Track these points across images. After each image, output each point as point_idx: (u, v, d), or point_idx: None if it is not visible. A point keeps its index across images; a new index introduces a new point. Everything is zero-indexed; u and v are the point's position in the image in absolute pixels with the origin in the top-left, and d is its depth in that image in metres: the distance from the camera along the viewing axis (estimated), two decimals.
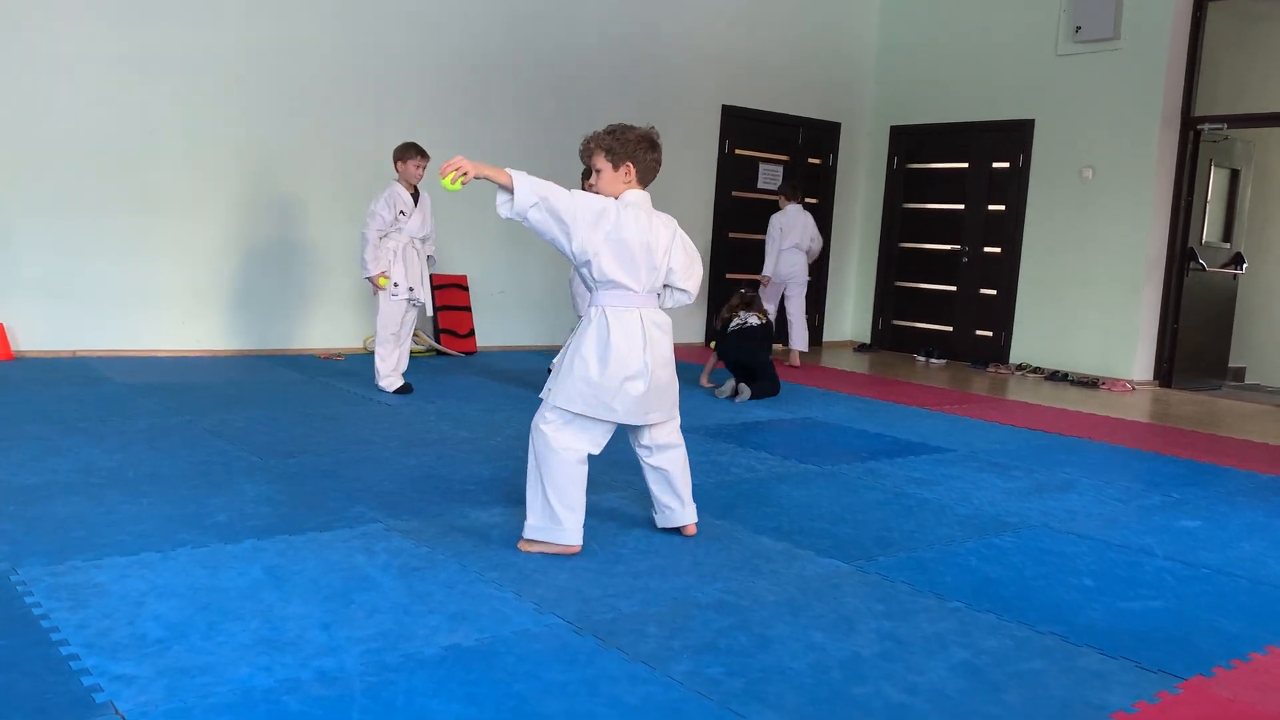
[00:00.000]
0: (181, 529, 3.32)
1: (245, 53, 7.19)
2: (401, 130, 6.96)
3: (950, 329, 10.01)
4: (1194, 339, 8.77)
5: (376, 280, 6.04)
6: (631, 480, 4.24)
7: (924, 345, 10.06)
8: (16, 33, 6.45)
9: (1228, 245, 9.04)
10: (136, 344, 7.06)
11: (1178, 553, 3.72)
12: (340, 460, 4.39)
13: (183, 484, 3.87)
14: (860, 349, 10.49)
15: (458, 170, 3.12)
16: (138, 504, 3.58)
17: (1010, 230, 9.49)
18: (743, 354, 6.72)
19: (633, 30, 8.97)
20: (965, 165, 9.90)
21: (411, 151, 6.12)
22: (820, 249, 8.90)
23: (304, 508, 3.65)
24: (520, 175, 3.14)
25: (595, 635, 2.64)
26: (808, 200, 10.39)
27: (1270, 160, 9.59)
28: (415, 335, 7.36)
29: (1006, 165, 9.53)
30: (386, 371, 6.12)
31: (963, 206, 9.92)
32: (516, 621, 2.70)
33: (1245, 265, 9.10)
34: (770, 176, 10.08)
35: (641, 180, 3.37)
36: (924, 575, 3.28)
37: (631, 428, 3.41)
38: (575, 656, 2.51)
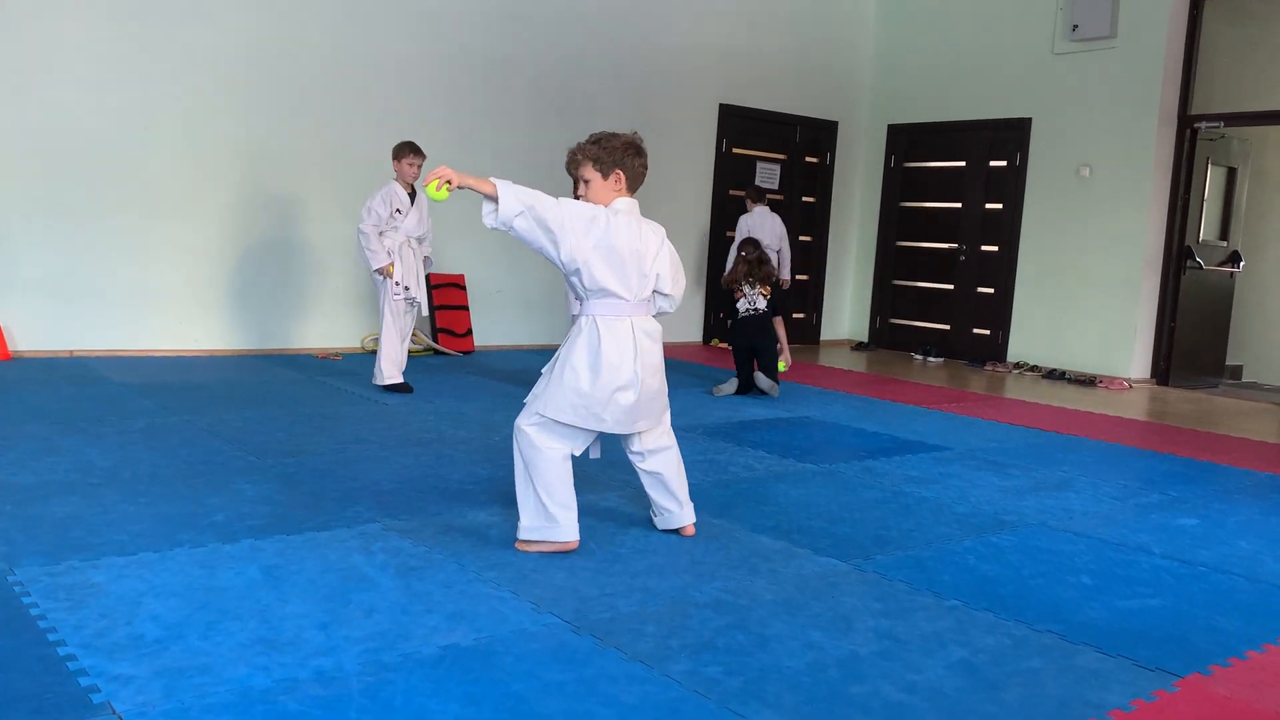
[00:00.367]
0: (179, 529, 3.32)
1: (244, 52, 7.19)
2: (399, 130, 6.96)
3: (948, 327, 10.02)
4: (1191, 337, 8.78)
5: (386, 270, 6.03)
6: (629, 480, 4.24)
7: (921, 344, 10.07)
8: (14, 33, 6.43)
9: (1225, 243, 9.05)
10: (134, 344, 7.05)
11: (1175, 551, 3.72)
12: (338, 460, 4.39)
13: (180, 484, 3.87)
14: (858, 348, 10.49)
15: (441, 179, 3.12)
16: (135, 504, 3.57)
17: (1007, 229, 9.49)
18: (753, 337, 6.77)
19: (630, 29, 8.96)
20: (962, 164, 9.91)
21: (406, 150, 6.13)
22: (789, 252, 8.82)
23: (302, 507, 3.64)
24: (504, 184, 3.11)
25: (593, 635, 2.64)
26: (804, 199, 10.42)
27: (1267, 158, 9.61)
28: (413, 335, 7.34)
29: (1004, 164, 9.54)
30: (388, 366, 6.12)
31: (960, 205, 9.93)
32: (514, 621, 2.71)
33: (1242, 263, 9.11)
34: (768, 175, 10.09)
35: (630, 187, 3.35)
36: (922, 574, 3.28)
37: (622, 435, 3.40)
38: (573, 656, 2.51)
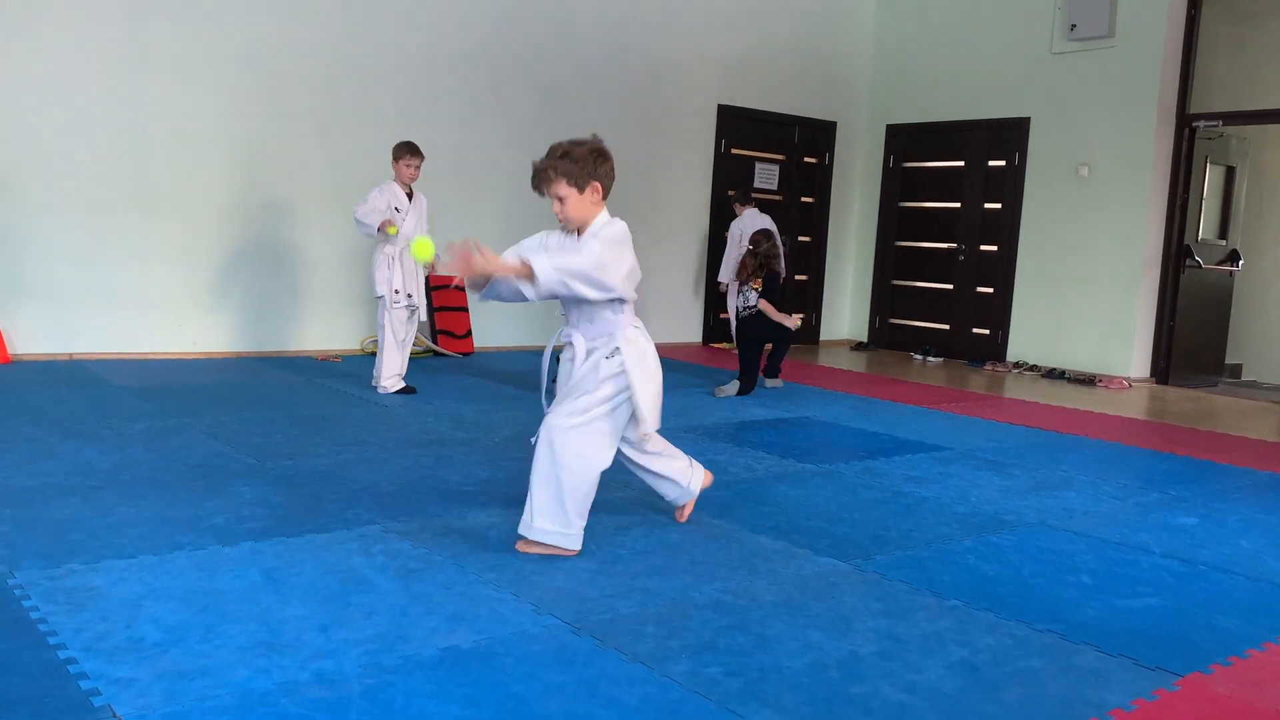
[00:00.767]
0: (179, 532, 3.32)
1: (242, 54, 7.19)
2: (398, 131, 6.96)
3: (947, 327, 10.02)
4: (1190, 336, 8.78)
5: (386, 228, 5.94)
6: (629, 480, 4.24)
7: (921, 344, 10.07)
8: (10, 36, 6.43)
9: (1224, 242, 9.05)
10: (133, 346, 7.05)
11: (1175, 550, 3.72)
12: (337, 462, 4.39)
13: (180, 486, 3.87)
14: (857, 348, 10.49)
15: (465, 266, 3.04)
16: (135, 507, 3.57)
17: (1006, 228, 9.49)
18: (763, 333, 6.89)
19: (628, 30, 8.96)
20: (961, 163, 9.91)
21: (405, 151, 6.12)
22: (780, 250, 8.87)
23: (301, 510, 3.64)
24: (538, 262, 3.06)
25: (593, 636, 2.64)
26: (803, 199, 10.42)
27: (1266, 157, 9.61)
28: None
29: (1002, 163, 9.54)
30: (389, 374, 6.13)
31: (959, 205, 9.93)
32: (514, 622, 2.70)
33: (1241, 262, 9.11)
34: (767, 176, 10.09)
35: (605, 195, 3.30)
36: (922, 574, 3.28)
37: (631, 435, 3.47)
38: (573, 657, 2.51)
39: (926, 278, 10.26)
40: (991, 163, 9.64)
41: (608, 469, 3.34)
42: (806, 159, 10.39)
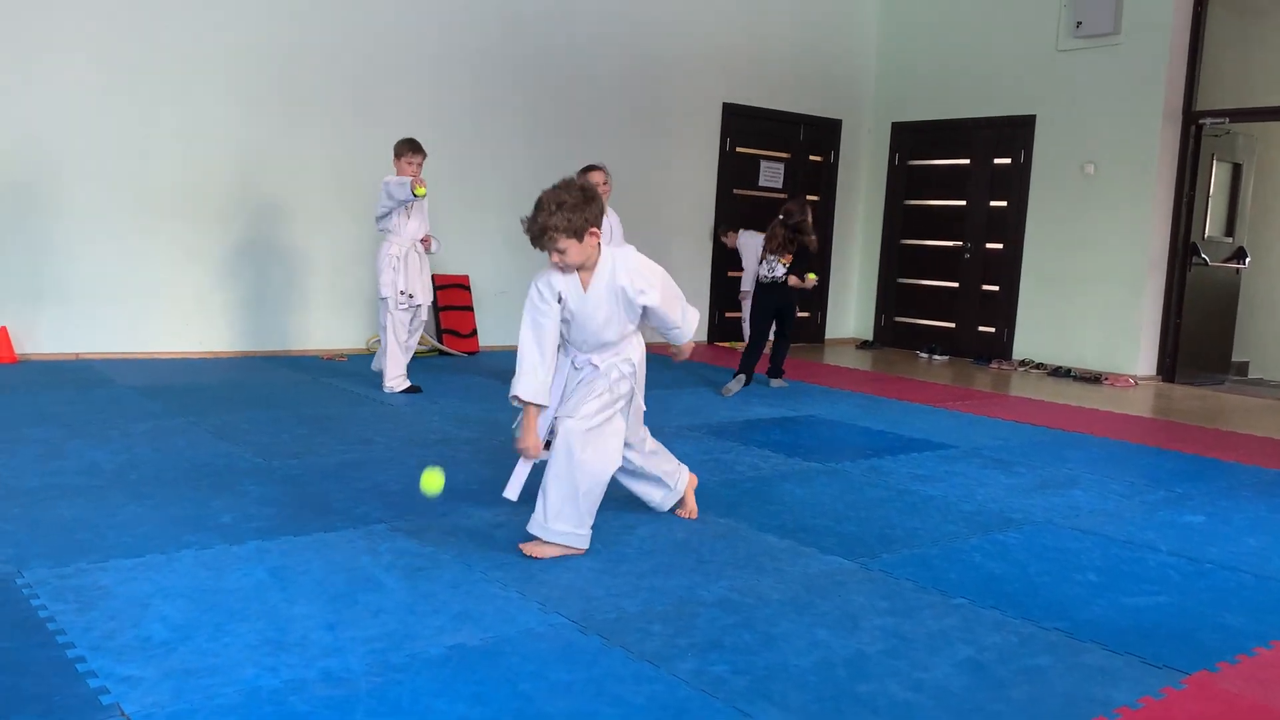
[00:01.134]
0: (186, 531, 3.33)
1: (245, 53, 7.20)
2: (403, 130, 6.95)
3: (953, 325, 10.01)
4: (1197, 334, 8.76)
5: (415, 188, 5.88)
6: None
7: (927, 342, 10.06)
8: (18, 38, 6.45)
9: (1230, 240, 9.02)
10: (139, 346, 7.06)
11: (1182, 548, 3.72)
12: (344, 461, 4.39)
13: (186, 486, 3.87)
14: (863, 346, 10.49)
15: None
16: (142, 506, 3.58)
17: (1012, 226, 9.48)
18: (777, 302, 6.87)
19: (633, 28, 8.96)
20: (967, 161, 9.89)
21: (407, 148, 6.09)
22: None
23: (308, 508, 3.65)
24: (686, 332, 3.52)
25: (600, 634, 2.64)
26: (809, 197, 10.41)
27: (1272, 154, 9.57)
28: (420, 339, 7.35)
29: (1008, 161, 9.52)
30: (394, 374, 6.14)
31: (964, 203, 9.92)
32: (521, 621, 2.71)
33: (1248, 260, 9.09)
34: (772, 174, 10.08)
35: (600, 230, 3.27)
36: (928, 572, 3.28)
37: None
38: (580, 656, 2.51)
39: (932, 276, 10.25)
40: (997, 160, 9.62)
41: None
42: (812, 157, 10.38)
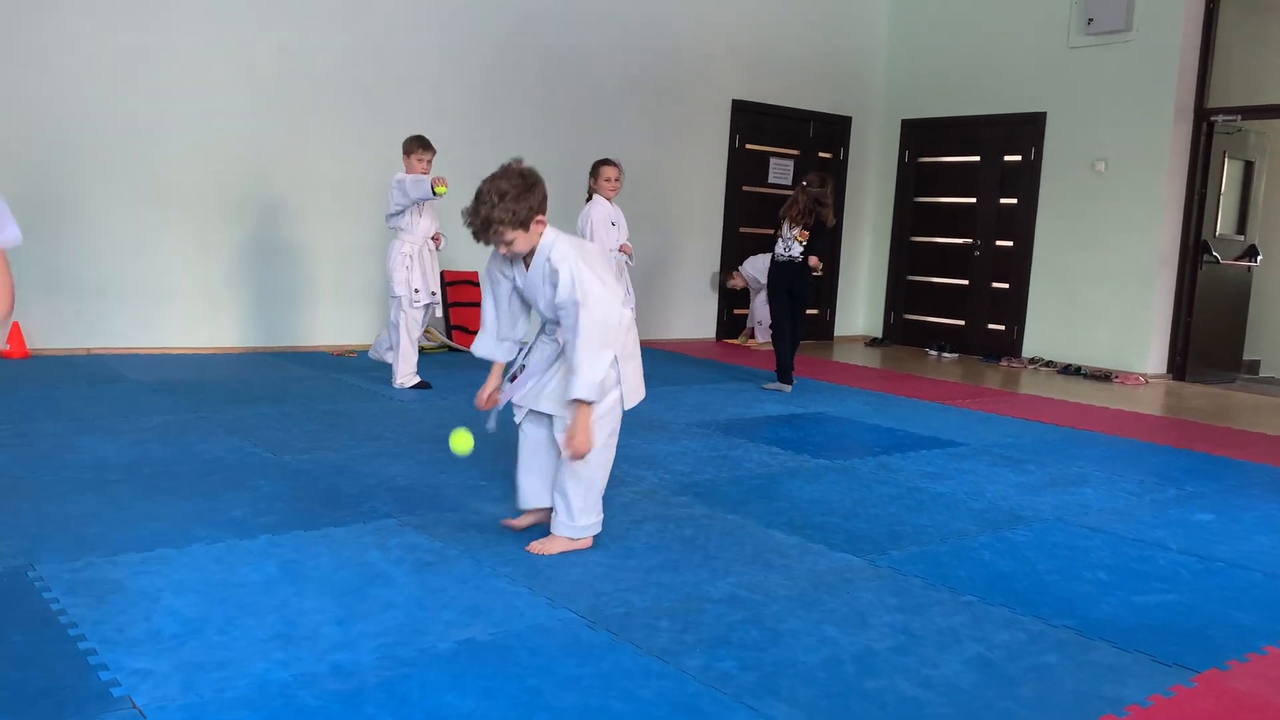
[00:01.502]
0: (196, 525, 3.34)
1: (256, 49, 7.21)
2: (411, 126, 6.97)
3: (962, 323, 9.99)
4: (1208, 332, 8.72)
5: (436, 186, 5.83)
6: (643, 475, 4.25)
7: (936, 339, 10.03)
8: (29, 29, 6.48)
9: (1241, 238, 8.98)
10: (150, 341, 7.09)
11: (1192, 546, 3.71)
12: (353, 456, 4.41)
13: (197, 480, 3.89)
14: (872, 343, 10.47)
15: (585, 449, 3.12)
16: (153, 500, 3.60)
17: (1022, 224, 9.45)
18: (791, 281, 6.81)
19: (642, 24, 8.96)
20: (977, 158, 9.87)
21: (416, 145, 6.08)
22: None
23: (318, 503, 3.66)
24: (580, 388, 3.05)
25: (608, 630, 2.65)
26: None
27: None
28: (427, 332, 7.37)
29: (1018, 158, 9.49)
30: (406, 372, 6.15)
31: (974, 200, 9.89)
32: (530, 616, 2.71)
33: (1259, 258, 9.04)
34: (781, 171, 10.07)
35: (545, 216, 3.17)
36: (937, 569, 3.28)
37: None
38: (588, 651, 2.52)
39: (942, 273, 10.22)
40: (1007, 158, 9.59)
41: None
42: (822, 154, 10.36)
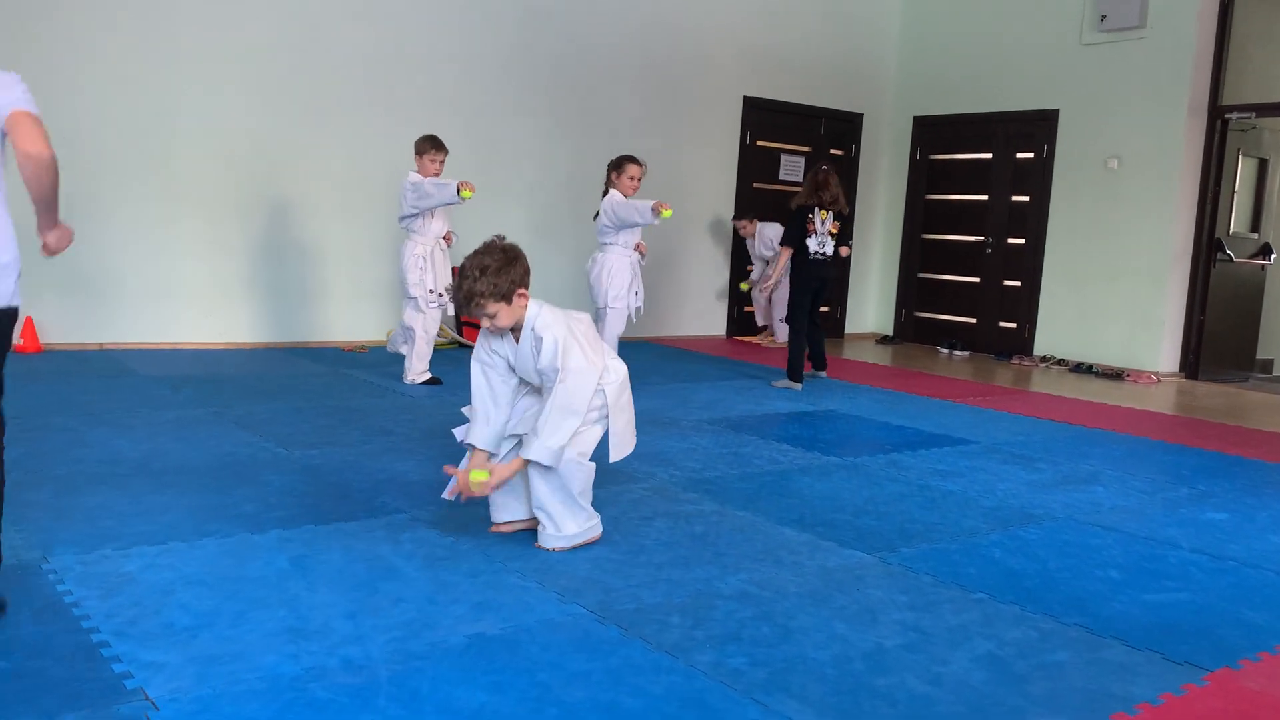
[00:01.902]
0: (208, 519, 3.36)
1: (268, 47, 7.23)
2: (422, 124, 6.99)
3: (973, 321, 9.96)
4: (1221, 330, 8.68)
5: (463, 190, 5.79)
6: (653, 472, 4.25)
7: (947, 337, 10.01)
8: (39, 29, 6.50)
9: (1255, 236, 8.94)
10: (162, 336, 7.12)
11: (1204, 545, 3.69)
12: (364, 451, 4.42)
13: (209, 475, 3.91)
14: (883, 341, 10.45)
15: (478, 490, 3.18)
16: (165, 494, 3.61)
17: (1034, 221, 9.42)
18: (823, 277, 6.70)
19: (652, 22, 8.95)
20: (989, 156, 9.83)
21: (429, 146, 6.06)
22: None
23: (329, 498, 3.67)
24: (536, 450, 3.09)
25: (618, 625, 2.65)
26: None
27: None
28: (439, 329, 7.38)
29: (1031, 156, 9.46)
30: (419, 369, 6.16)
31: (986, 197, 9.86)
32: (540, 611, 2.72)
33: (1274, 256, 9.00)
34: (792, 168, 10.06)
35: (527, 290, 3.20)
36: (947, 567, 3.27)
37: None
38: (598, 646, 2.52)
39: (953, 271, 10.19)
40: (1020, 155, 9.56)
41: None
42: (833, 151, 10.34)
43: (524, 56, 8.33)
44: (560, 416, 3.11)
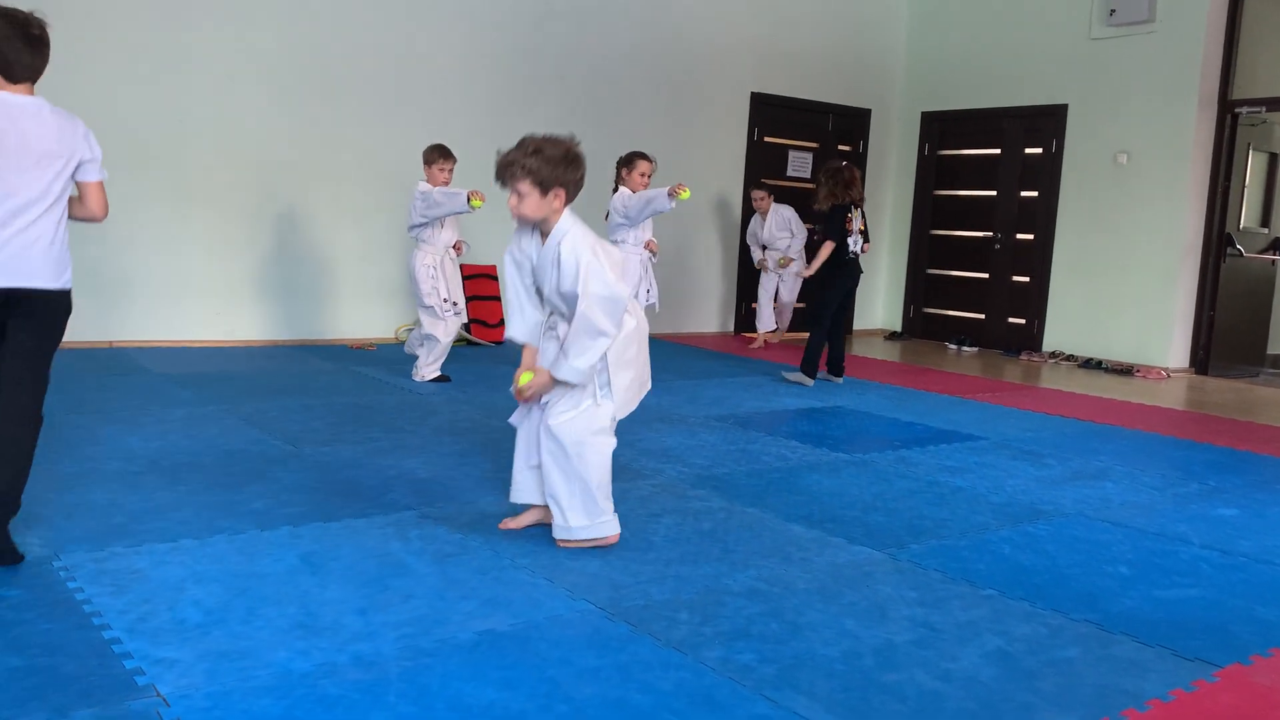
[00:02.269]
0: (219, 516, 3.37)
1: (278, 45, 7.24)
2: (431, 122, 7.00)
3: (982, 316, 9.94)
4: (1231, 326, 8.65)
5: (473, 199, 5.73)
6: (661, 468, 4.26)
7: (956, 333, 9.99)
8: (50, 21, 6.51)
9: (1266, 231, 8.90)
10: (172, 334, 7.14)
11: (1214, 541, 3.68)
12: (374, 449, 4.43)
13: (219, 472, 3.92)
14: (891, 337, 10.43)
15: (532, 396, 3.19)
16: (175, 492, 3.63)
17: (1043, 216, 9.40)
18: (856, 281, 6.69)
19: (660, 18, 8.94)
20: (997, 151, 9.81)
21: (437, 155, 6.00)
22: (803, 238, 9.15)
23: (338, 495, 3.68)
24: (565, 371, 3.06)
25: (627, 621, 2.65)
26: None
27: None
28: None
29: (1039, 151, 9.43)
30: (431, 369, 6.17)
31: (995, 193, 9.84)
32: (549, 607, 2.72)
33: None
34: (800, 164, 10.04)
35: (569, 200, 3.14)
36: (957, 563, 3.27)
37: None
38: (608, 642, 2.52)
39: (962, 266, 10.17)
40: (1028, 150, 9.53)
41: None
42: (841, 147, 10.32)
43: (533, 55, 8.33)
44: (588, 338, 3.04)
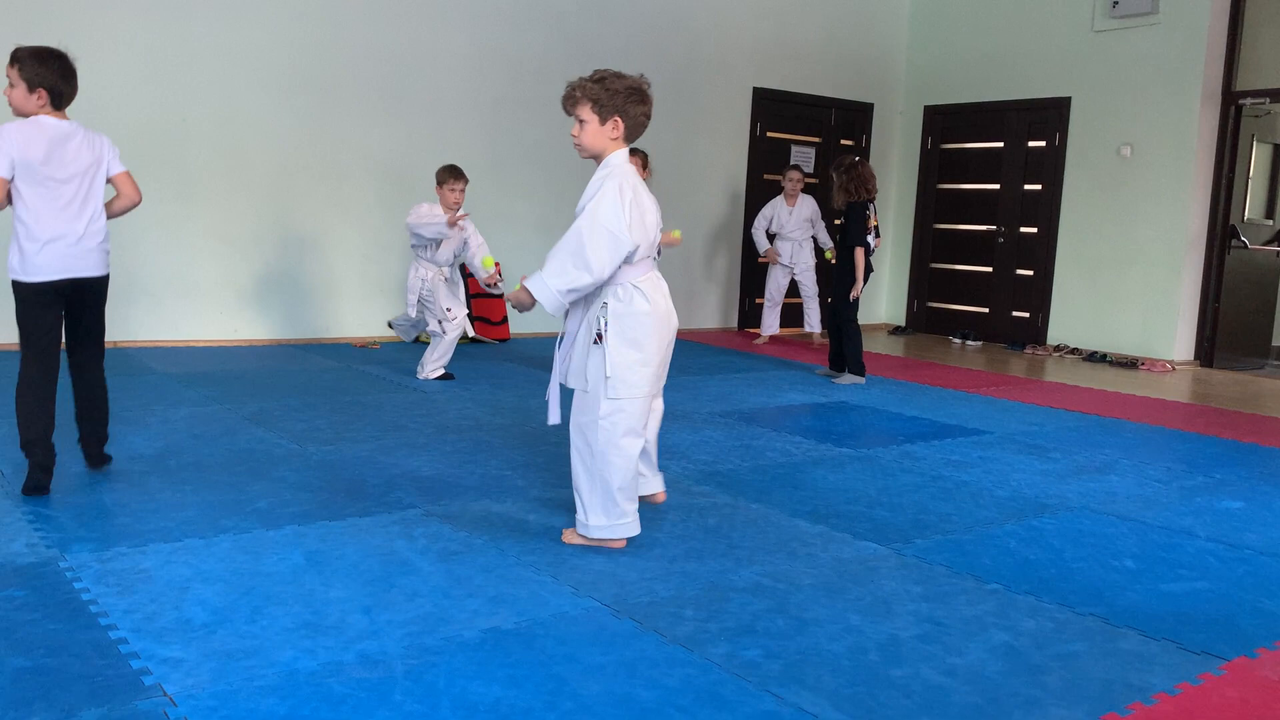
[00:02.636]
0: (223, 515, 3.37)
1: (282, 43, 7.24)
2: (435, 122, 6.99)
3: (987, 310, 9.93)
4: (1236, 318, 8.63)
5: (455, 221, 5.79)
6: (665, 465, 4.25)
7: (960, 327, 9.98)
8: (54, 24, 6.52)
9: (1270, 222, 8.87)
10: (176, 334, 7.15)
11: (1220, 534, 3.68)
12: (378, 447, 4.43)
13: (224, 471, 3.92)
14: (895, 331, 10.42)
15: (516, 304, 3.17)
16: (180, 491, 3.63)
17: (1047, 210, 9.38)
18: (872, 273, 6.73)
19: (662, 14, 8.93)
20: (1001, 145, 9.79)
21: (449, 175, 5.94)
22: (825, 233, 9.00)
23: (343, 494, 3.69)
24: (536, 284, 3.04)
25: (633, 618, 2.65)
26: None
27: None
28: None
29: (1043, 144, 9.41)
30: (436, 367, 6.16)
31: (998, 186, 9.82)
32: (554, 604, 2.72)
33: None
34: (802, 158, 10.03)
35: (629, 136, 3.14)
36: (962, 557, 3.27)
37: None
38: (613, 639, 2.53)
39: (965, 260, 10.16)
40: (1032, 143, 9.52)
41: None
42: (843, 141, 10.31)
43: (536, 52, 8.32)
44: (570, 259, 3.00)
